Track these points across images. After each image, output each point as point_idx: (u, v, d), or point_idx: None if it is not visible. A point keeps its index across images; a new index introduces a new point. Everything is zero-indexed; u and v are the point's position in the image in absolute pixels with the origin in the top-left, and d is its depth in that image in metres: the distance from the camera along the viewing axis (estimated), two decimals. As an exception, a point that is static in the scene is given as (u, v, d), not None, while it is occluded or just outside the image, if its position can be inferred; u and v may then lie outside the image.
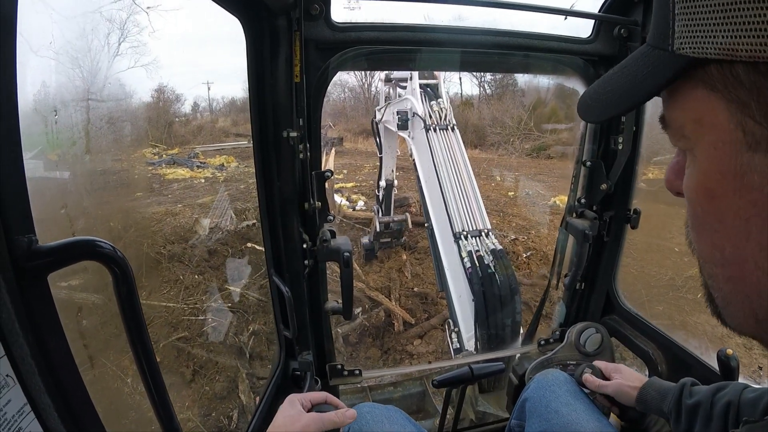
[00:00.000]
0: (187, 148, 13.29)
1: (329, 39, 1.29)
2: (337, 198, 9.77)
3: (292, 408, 1.03)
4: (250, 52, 1.22)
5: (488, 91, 21.30)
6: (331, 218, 1.49)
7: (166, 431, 0.73)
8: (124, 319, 0.61)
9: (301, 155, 1.33)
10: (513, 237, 7.75)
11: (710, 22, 0.33)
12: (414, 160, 4.17)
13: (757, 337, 0.40)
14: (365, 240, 7.42)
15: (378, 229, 6.94)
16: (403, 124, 4.40)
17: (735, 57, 0.32)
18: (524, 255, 7.19)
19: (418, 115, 4.12)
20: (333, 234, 1.49)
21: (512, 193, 10.82)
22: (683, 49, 0.36)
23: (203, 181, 8.93)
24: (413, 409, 3.35)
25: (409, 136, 4.34)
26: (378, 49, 1.36)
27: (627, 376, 1.25)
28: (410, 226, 7.27)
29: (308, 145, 1.35)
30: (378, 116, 5.62)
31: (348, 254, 1.41)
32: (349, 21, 1.33)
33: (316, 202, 1.42)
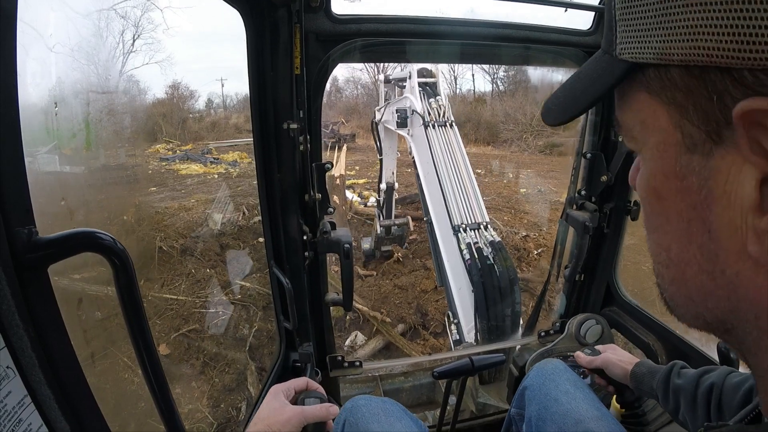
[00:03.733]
0: (200, 144, 13.41)
1: (329, 31, 1.29)
2: (349, 194, 9.69)
3: (275, 400, 1.02)
4: (250, 44, 1.22)
5: (501, 87, 21.16)
6: (332, 210, 1.50)
7: (166, 422, 0.73)
8: (124, 311, 0.61)
9: (301, 147, 1.34)
10: (524, 234, 7.65)
11: (645, 28, 0.34)
12: (413, 157, 4.17)
13: (713, 334, 0.40)
14: (366, 245, 7.15)
15: (379, 233, 6.76)
16: (402, 122, 4.42)
17: (669, 61, 0.33)
18: (535, 252, 7.08)
19: (417, 112, 4.14)
20: (333, 226, 1.50)
21: (524, 189, 10.72)
22: (624, 54, 0.37)
23: (216, 176, 8.99)
24: (423, 399, 3.33)
25: (408, 134, 4.36)
26: (378, 41, 1.37)
27: (619, 353, 1.27)
28: (411, 228, 7.11)
29: (308, 137, 1.36)
30: (377, 116, 5.54)
31: (348, 246, 1.42)
32: (349, 13, 1.33)
33: (317, 194, 1.43)
